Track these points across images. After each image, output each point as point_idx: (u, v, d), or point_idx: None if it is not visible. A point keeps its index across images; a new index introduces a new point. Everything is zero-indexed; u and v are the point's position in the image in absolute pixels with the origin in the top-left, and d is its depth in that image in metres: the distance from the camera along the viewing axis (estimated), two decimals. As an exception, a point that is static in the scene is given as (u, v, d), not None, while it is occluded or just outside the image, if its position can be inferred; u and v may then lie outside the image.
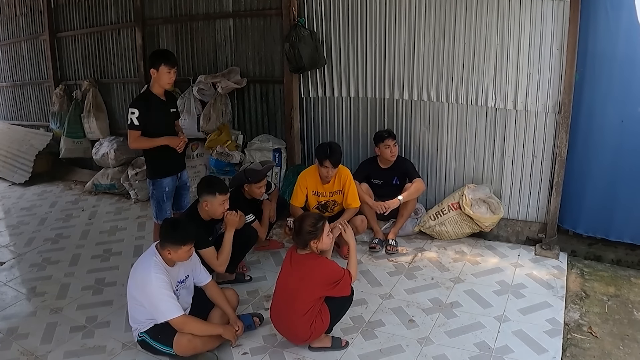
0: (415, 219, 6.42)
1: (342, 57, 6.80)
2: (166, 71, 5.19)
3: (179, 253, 4.03)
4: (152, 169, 5.50)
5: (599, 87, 5.44)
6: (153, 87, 5.30)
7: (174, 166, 5.55)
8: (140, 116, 5.14)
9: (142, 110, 5.16)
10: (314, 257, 4.12)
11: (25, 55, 10.47)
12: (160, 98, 5.35)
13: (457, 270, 5.53)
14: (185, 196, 5.80)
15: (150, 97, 5.29)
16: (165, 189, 5.46)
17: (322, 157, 5.58)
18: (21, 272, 6.05)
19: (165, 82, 5.25)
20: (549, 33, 5.55)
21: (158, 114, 5.30)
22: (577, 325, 4.48)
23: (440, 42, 6.15)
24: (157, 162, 5.44)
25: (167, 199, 5.51)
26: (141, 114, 5.14)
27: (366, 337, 4.44)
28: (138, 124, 5.15)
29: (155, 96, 5.30)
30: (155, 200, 5.52)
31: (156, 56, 5.30)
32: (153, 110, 5.24)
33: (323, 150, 5.62)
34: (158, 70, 5.18)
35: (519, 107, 5.87)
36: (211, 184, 4.94)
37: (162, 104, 5.37)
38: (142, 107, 5.18)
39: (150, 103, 5.25)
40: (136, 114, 5.13)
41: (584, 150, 5.67)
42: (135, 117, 5.13)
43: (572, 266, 5.53)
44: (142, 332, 4.12)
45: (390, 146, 6.15)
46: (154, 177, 5.45)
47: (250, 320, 4.56)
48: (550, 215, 5.91)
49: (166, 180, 5.45)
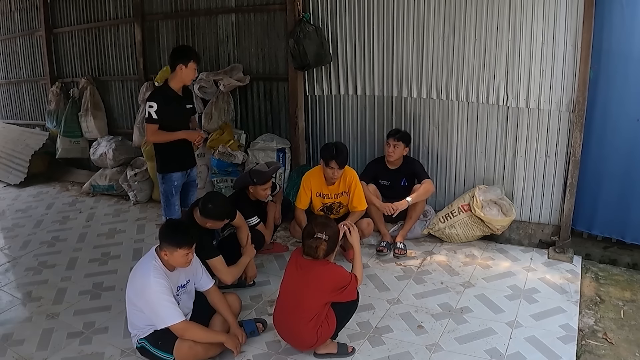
0: (424, 221, 6.43)
1: (349, 53, 6.82)
2: (193, 68, 5.44)
3: (175, 256, 4.02)
4: (162, 163, 5.66)
5: (614, 84, 5.45)
6: (172, 82, 5.49)
7: (184, 162, 5.74)
8: (158, 110, 5.32)
9: (160, 104, 5.33)
10: (322, 263, 4.14)
11: (20, 52, 10.52)
12: (178, 93, 5.53)
13: (467, 275, 5.54)
14: (192, 193, 5.99)
15: (168, 91, 5.49)
16: (174, 183, 5.63)
17: (328, 157, 5.58)
18: (16, 276, 6.08)
19: (189, 78, 5.52)
20: (563, 29, 5.55)
21: (175, 109, 5.50)
22: (592, 331, 4.49)
23: (450, 38, 6.16)
24: (168, 157, 5.60)
25: (175, 192, 5.67)
26: (159, 107, 5.32)
27: (373, 344, 4.45)
28: (157, 118, 5.33)
29: (173, 91, 5.49)
30: (164, 196, 5.70)
31: (185, 52, 5.52)
32: (170, 104, 5.42)
33: (329, 150, 5.62)
34: (187, 67, 5.39)
35: (531, 106, 5.88)
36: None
37: (179, 99, 5.56)
38: (160, 101, 5.35)
39: (168, 97, 5.43)
40: (155, 108, 5.31)
41: (598, 150, 5.67)
42: (153, 110, 5.31)
43: (586, 270, 5.53)
44: (142, 339, 4.14)
45: (390, 145, 6.16)
46: (163, 170, 5.63)
47: (254, 326, 4.57)
48: (564, 217, 5.91)
49: (176, 175, 5.63)
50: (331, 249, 4.16)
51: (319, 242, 4.06)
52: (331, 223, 4.28)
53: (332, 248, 4.16)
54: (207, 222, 4.80)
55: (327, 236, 4.10)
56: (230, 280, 4.97)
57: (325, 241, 4.08)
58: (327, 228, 4.15)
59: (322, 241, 4.07)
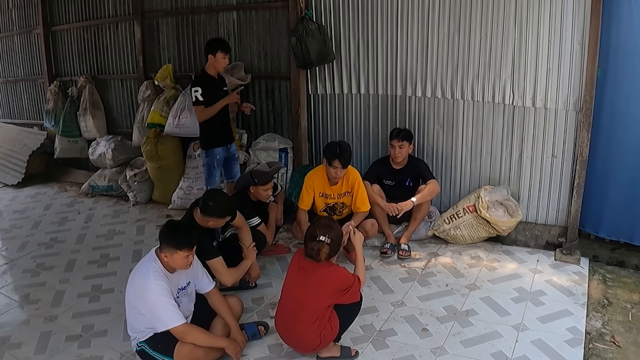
0: (428, 223, 6.44)
1: (352, 52, 6.83)
2: (222, 57, 6.27)
3: (175, 258, 4.02)
4: (206, 140, 6.55)
5: (622, 83, 5.44)
6: (209, 69, 6.35)
7: (224, 138, 6.58)
8: (203, 93, 6.21)
9: (203, 87, 6.23)
10: (325, 264, 4.14)
11: (18, 50, 10.54)
12: (215, 78, 6.41)
13: (472, 277, 5.55)
14: (234, 166, 6.86)
15: (207, 77, 6.35)
16: (216, 157, 6.50)
17: (331, 156, 5.59)
18: (14, 278, 6.10)
19: (220, 66, 6.38)
20: (570, 27, 5.56)
21: (215, 92, 6.35)
22: (600, 334, 4.49)
23: (455, 36, 6.17)
24: (211, 134, 6.47)
25: (217, 165, 6.58)
26: (203, 90, 6.22)
27: (377, 347, 4.46)
28: (202, 99, 6.24)
29: (211, 76, 6.37)
30: (207, 168, 6.59)
31: (214, 43, 6.38)
32: (211, 87, 6.32)
33: (332, 149, 5.63)
34: (215, 56, 6.25)
35: (538, 105, 5.89)
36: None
37: (217, 82, 6.45)
38: (203, 85, 6.24)
39: (208, 82, 6.31)
40: (199, 91, 6.21)
41: (606, 149, 5.68)
42: (199, 94, 6.22)
43: (594, 272, 5.53)
44: (141, 342, 4.13)
45: (396, 147, 6.16)
46: (207, 147, 6.51)
47: (255, 329, 4.60)
48: (571, 218, 5.92)
49: (218, 150, 6.49)
50: (334, 252, 4.16)
51: (321, 245, 4.07)
52: (334, 225, 4.28)
53: (334, 251, 4.17)
54: (209, 220, 4.81)
55: (329, 239, 4.09)
56: (230, 283, 4.98)
57: (328, 244, 4.07)
58: (330, 230, 4.15)
59: (324, 244, 4.07)
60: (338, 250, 4.24)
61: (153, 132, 7.93)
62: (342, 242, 4.33)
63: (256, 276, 5.48)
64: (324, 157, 5.72)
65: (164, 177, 8.04)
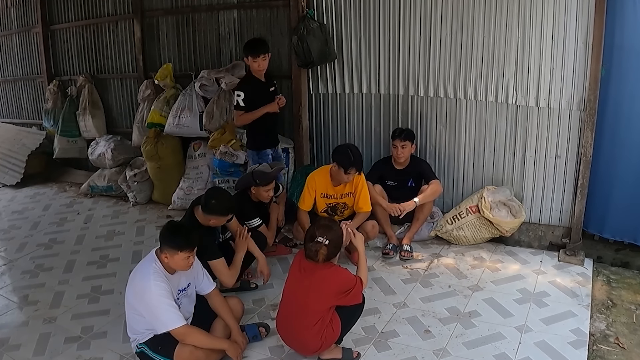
0: (431, 223, 6.44)
1: (354, 51, 6.83)
2: (252, 60, 6.13)
3: (176, 259, 4.02)
4: (255, 142, 6.49)
5: (627, 82, 5.44)
6: (253, 71, 6.28)
7: (272, 141, 6.58)
8: (245, 98, 6.16)
9: (246, 93, 6.18)
10: (326, 265, 4.14)
11: (16, 49, 10.52)
12: (260, 80, 6.30)
13: (475, 278, 5.55)
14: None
15: (252, 80, 6.31)
16: (268, 157, 6.42)
17: (347, 164, 5.47)
18: (12, 280, 6.10)
19: (255, 69, 6.22)
20: (574, 25, 5.55)
21: (260, 95, 6.28)
22: (604, 336, 4.50)
23: (457, 35, 6.17)
24: (260, 137, 6.45)
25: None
26: (246, 96, 6.17)
27: (379, 349, 4.47)
28: (243, 105, 6.19)
29: (256, 79, 6.29)
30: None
31: (248, 46, 6.23)
32: (255, 91, 6.24)
33: (346, 156, 5.51)
34: (248, 60, 6.18)
35: (541, 104, 5.89)
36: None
37: (262, 85, 6.32)
38: (247, 90, 6.20)
39: (252, 86, 6.25)
40: (242, 97, 6.17)
41: (610, 149, 5.68)
42: (240, 99, 6.18)
43: (598, 273, 5.53)
44: (141, 343, 4.14)
45: (398, 147, 6.15)
46: (259, 148, 6.45)
47: (256, 330, 4.60)
48: (575, 219, 5.92)
49: (268, 151, 6.47)
50: (333, 253, 4.15)
51: (319, 246, 4.06)
52: (334, 226, 4.27)
53: (333, 252, 4.16)
54: (211, 219, 4.83)
55: (327, 240, 4.08)
56: (232, 283, 5.00)
57: (326, 245, 4.06)
58: (330, 231, 4.14)
59: (322, 245, 4.06)
60: (338, 252, 4.23)
61: (153, 131, 7.94)
62: (342, 243, 4.33)
63: (267, 274, 5.26)
64: (336, 164, 5.58)
65: (164, 178, 8.04)
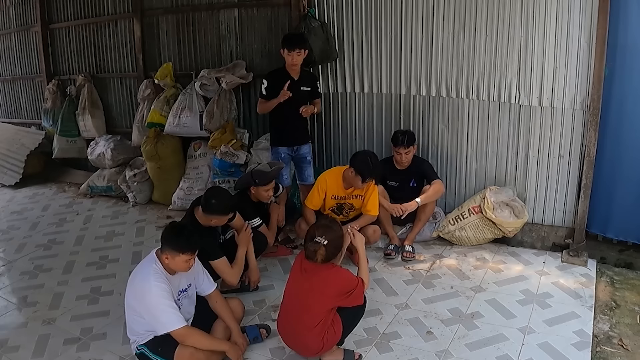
0: (433, 224, 6.44)
1: (356, 50, 6.83)
2: (287, 53, 6.06)
3: (177, 261, 4.02)
4: (272, 138, 6.58)
5: (630, 82, 5.44)
6: (287, 64, 6.18)
7: (288, 139, 6.43)
8: (268, 87, 6.19)
9: (270, 82, 6.19)
10: (328, 267, 4.14)
11: (15, 48, 10.52)
12: (290, 74, 6.17)
13: (478, 279, 5.55)
14: (305, 169, 6.60)
15: (281, 72, 6.22)
16: (280, 155, 6.39)
17: (366, 174, 5.44)
18: (11, 281, 6.10)
19: (288, 62, 6.13)
20: (577, 24, 5.56)
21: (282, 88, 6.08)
22: (607, 337, 4.49)
23: (460, 34, 6.18)
24: (275, 132, 6.52)
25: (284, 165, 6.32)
26: (269, 85, 6.18)
27: (381, 350, 4.47)
28: (265, 94, 6.22)
29: (286, 72, 6.19)
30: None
31: (283, 40, 6.18)
32: (280, 83, 6.07)
33: (366, 165, 5.45)
34: (283, 52, 6.09)
35: (544, 104, 5.89)
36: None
37: (289, 79, 6.14)
38: (271, 80, 6.20)
39: (278, 77, 6.16)
40: (265, 85, 6.22)
41: (614, 149, 5.68)
42: (264, 87, 6.23)
43: (601, 274, 5.53)
44: (141, 345, 4.13)
45: (402, 154, 6.15)
46: (273, 144, 6.54)
47: (257, 332, 4.60)
48: (578, 219, 5.91)
49: (281, 149, 6.42)
50: (332, 254, 4.14)
51: (317, 247, 4.04)
52: (334, 226, 4.27)
53: (333, 253, 4.14)
54: (212, 218, 4.84)
55: (326, 240, 4.07)
56: (235, 282, 5.00)
57: (324, 246, 4.05)
58: (329, 231, 4.14)
59: (321, 246, 4.04)
60: (337, 253, 4.21)
61: (153, 131, 7.95)
62: (342, 244, 4.32)
63: (256, 280, 5.45)
64: (354, 170, 5.50)
65: (164, 178, 8.05)
